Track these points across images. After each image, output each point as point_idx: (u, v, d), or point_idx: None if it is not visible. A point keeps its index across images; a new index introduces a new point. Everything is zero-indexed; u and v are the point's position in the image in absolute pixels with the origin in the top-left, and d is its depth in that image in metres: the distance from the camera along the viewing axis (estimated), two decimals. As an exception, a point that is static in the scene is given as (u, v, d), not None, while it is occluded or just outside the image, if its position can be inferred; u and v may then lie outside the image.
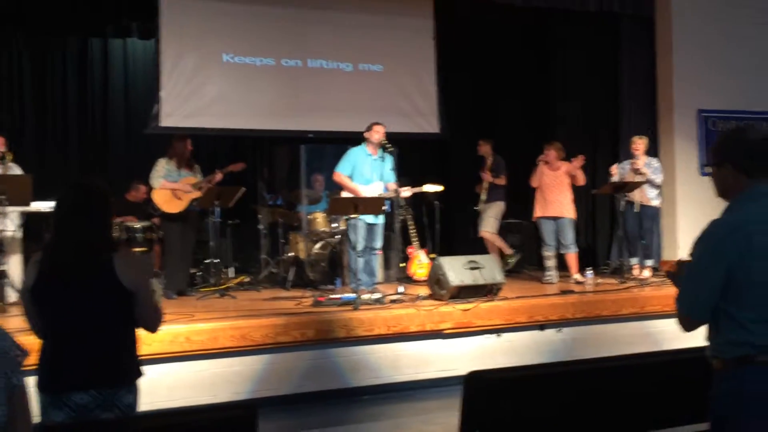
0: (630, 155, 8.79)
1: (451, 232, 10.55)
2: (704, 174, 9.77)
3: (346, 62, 9.79)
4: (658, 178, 8.61)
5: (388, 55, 9.94)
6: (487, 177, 9.25)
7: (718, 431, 2.54)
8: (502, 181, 9.21)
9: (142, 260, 3.98)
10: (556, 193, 8.51)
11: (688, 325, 2.57)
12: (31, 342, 2.79)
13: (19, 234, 7.16)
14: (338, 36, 9.70)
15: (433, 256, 8.73)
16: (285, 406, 5.65)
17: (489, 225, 9.20)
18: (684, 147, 9.93)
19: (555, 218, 8.52)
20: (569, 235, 8.53)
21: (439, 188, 8.01)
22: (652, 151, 9.31)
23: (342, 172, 7.55)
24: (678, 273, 2.68)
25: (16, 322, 5.27)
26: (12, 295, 6.64)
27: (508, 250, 9.44)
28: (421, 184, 7.93)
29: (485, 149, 9.44)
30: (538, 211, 8.64)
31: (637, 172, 8.51)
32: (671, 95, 9.98)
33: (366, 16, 9.82)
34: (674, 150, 9.89)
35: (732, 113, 10.04)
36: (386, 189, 7.58)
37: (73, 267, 2.87)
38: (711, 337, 2.57)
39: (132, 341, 3.01)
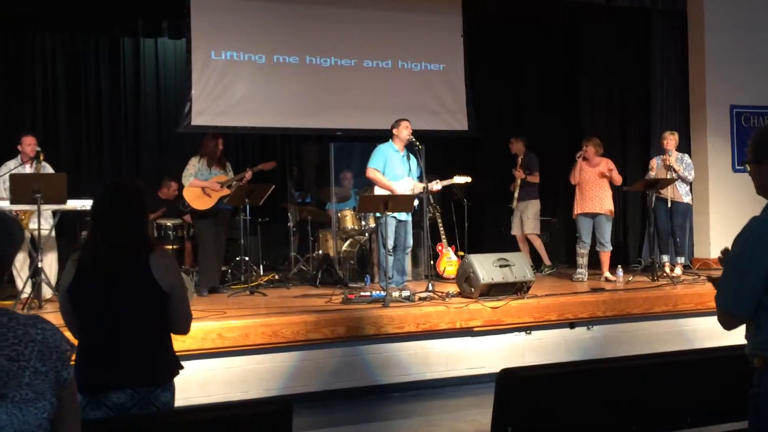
0: (660, 151, 8.71)
1: (479, 229, 10.52)
2: (736, 170, 9.65)
3: (375, 60, 9.80)
4: (690, 175, 8.51)
5: (417, 53, 9.92)
6: (519, 174, 9.20)
7: (758, 430, 2.52)
8: (535, 178, 9.15)
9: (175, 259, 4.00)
10: (596, 189, 8.44)
11: (729, 323, 2.55)
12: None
13: (53, 232, 7.24)
14: (366, 34, 9.70)
15: (461, 253, 8.71)
16: (315, 403, 5.66)
17: (530, 226, 9.15)
18: (716, 143, 9.82)
19: (593, 215, 8.45)
20: (607, 233, 8.46)
21: (467, 179, 7.98)
22: (684, 148, 9.20)
23: (376, 168, 7.56)
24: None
25: (50, 320, 5.35)
26: (47, 293, 6.73)
27: (547, 261, 9.40)
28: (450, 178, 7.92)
29: (517, 146, 9.37)
30: (578, 208, 8.56)
31: (668, 168, 8.42)
32: (703, 91, 9.88)
33: (394, 13, 9.80)
34: (706, 146, 9.80)
35: (765, 108, 9.91)
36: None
37: (111, 266, 2.86)
38: (751, 335, 2.54)
39: (167, 340, 3.00)
